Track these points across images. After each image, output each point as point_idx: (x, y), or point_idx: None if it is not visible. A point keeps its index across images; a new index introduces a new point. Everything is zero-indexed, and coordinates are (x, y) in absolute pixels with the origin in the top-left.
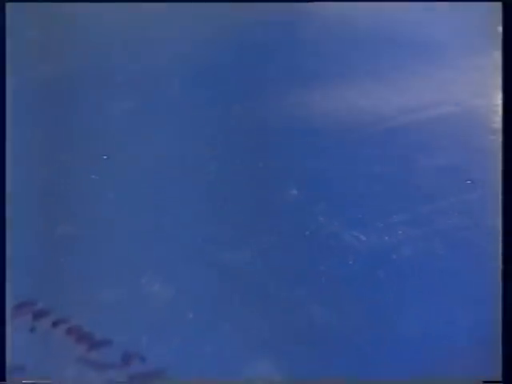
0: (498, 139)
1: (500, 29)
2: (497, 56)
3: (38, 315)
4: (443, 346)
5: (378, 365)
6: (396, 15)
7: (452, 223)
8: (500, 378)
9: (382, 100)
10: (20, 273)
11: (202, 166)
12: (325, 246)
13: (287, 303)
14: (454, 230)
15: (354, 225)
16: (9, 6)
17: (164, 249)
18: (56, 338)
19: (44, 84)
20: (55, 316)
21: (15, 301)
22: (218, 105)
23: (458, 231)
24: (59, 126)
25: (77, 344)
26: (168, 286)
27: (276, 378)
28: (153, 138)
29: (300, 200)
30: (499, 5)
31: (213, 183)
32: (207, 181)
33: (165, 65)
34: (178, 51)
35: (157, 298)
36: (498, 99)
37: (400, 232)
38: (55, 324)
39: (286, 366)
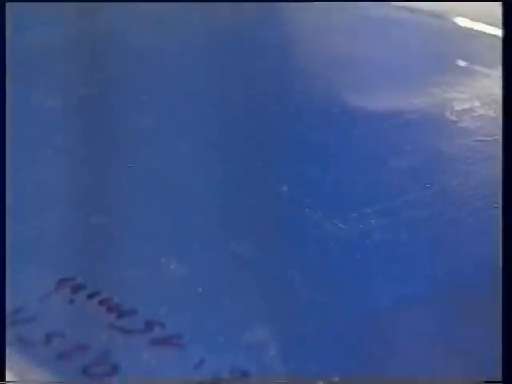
0: (454, 144)
1: (460, 62)
2: (451, 75)
3: (77, 289)
4: (406, 315)
5: (352, 324)
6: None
7: (414, 215)
8: (500, 378)
9: (359, 109)
10: (62, 255)
11: (211, 168)
12: (310, 233)
13: (280, 281)
14: (416, 221)
15: (333, 215)
16: (8, 7)
17: (179, 235)
18: (90, 308)
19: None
20: (90, 290)
21: (58, 277)
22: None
23: (420, 222)
24: (93, 131)
25: (107, 313)
26: (182, 266)
27: (271, 348)
28: (169, 144)
29: (290, 196)
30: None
31: (220, 182)
32: (216, 180)
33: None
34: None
35: (173, 276)
36: (454, 108)
37: (372, 221)
38: (90, 296)
39: (278, 332)
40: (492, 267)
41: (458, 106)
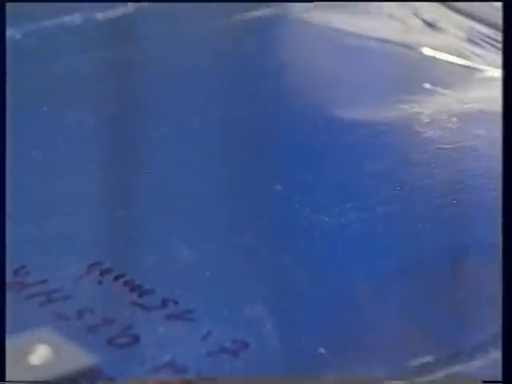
0: (420, 151)
1: (426, 84)
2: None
3: (104, 272)
4: (378, 290)
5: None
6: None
7: (387, 210)
8: (500, 378)
9: (341, 122)
10: (93, 244)
11: (219, 171)
12: (300, 225)
13: (275, 265)
14: (388, 215)
15: (319, 211)
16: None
17: (191, 228)
18: (116, 289)
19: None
20: (116, 273)
21: (89, 262)
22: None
23: (391, 216)
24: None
25: (130, 293)
26: (192, 253)
27: (268, 322)
28: (183, 151)
29: (283, 194)
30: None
31: (226, 183)
32: (223, 181)
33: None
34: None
35: (185, 262)
36: (420, 121)
37: (351, 215)
38: (115, 278)
39: (273, 309)
40: (449, 254)
41: (423, 120)
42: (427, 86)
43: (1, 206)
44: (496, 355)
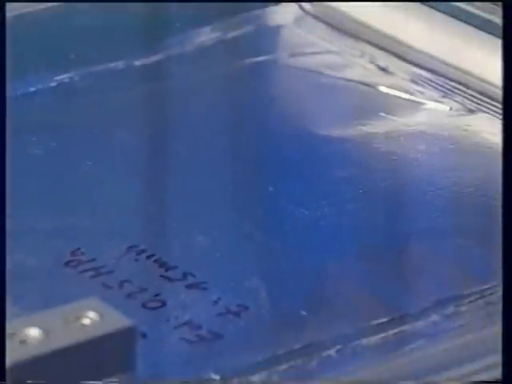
0: (377, 161)
1: (381, 113)
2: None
3: (139, 252)
4: (345, 266)
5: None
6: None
7: (352, 206)
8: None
9: (317, 139)
10: (130, 231)
11: (226, 175)
12: (286, 217)
13: (268, 247)
14: (353, 210)
15: (301, 206)
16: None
17: (205, 217)
18: (148, 265)
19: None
20: (148, 253)
21: (128, 244)
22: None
23: (356, 211)
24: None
25: (159, 268)
26: (206, 238)
27: (263, 291)
28: (197, 160)
29: (273, 194)
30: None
31: (231, 185)
32: (228, 183)
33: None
34: None
35: (200, 244)
36: (377, 139)
37: (325, 209)
38: (148, 257)
39: (268, 281)
40: (397, 238)
41: (379, 138)
42: (382, 114)
43: (1, 206)
44: (436, 318)
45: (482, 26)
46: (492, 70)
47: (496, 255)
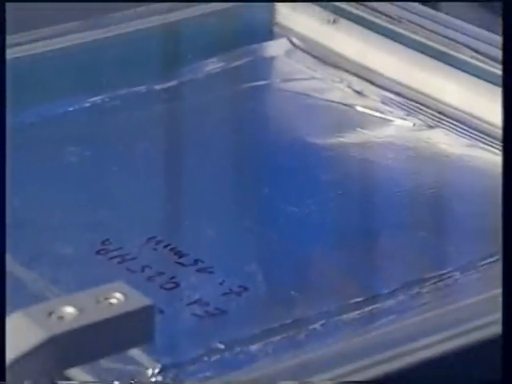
0: (355, 167)
1: (358, 129)
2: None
3: (158, 242)
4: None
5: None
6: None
7: (335, 205)
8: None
9: (305, 148)
10: (151, 225)
11: (232, 179)
12: (280, 212)
13: (264, 237)
14: (336, 208)
15: (290, 204)
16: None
17: (211, 215)
18: (165, 253)
19: None
20: (165, 243)
21: (148, 236)
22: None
23: (338, 209)
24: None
25: (174, 255)
26: (213, 231)
27: (260, 274)
28: (209, 168)
29: (268, 194)
30: None
31: (235, 187)
32: (234, 186)
33: None
34: None
35: (208, 236)
36: (354, 148)
37: (311, 207)
38: (165, 246)
39: (264, 266)
40: (370, 229)
41: (356, 147)
42: (358, 128)
43: (1, 206)
44: (403, 298)
45: (440, 57)
46: (447, 93)
47: (451, 245)
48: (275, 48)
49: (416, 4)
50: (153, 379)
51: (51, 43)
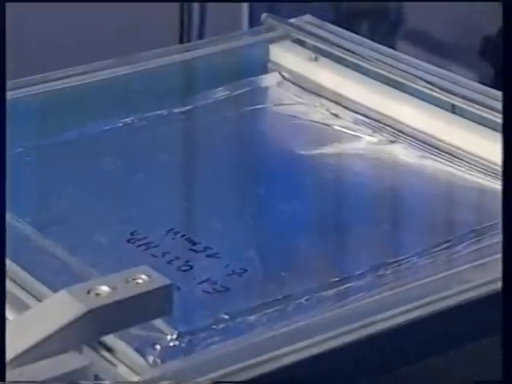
0: (329, 174)
1: (335, 143)
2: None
3: (176, 233)
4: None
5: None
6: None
7: (315, 203)
8: (500, 378)
9: (292, 159)
10: (168, 220)
11: (229, 183)
12: (271, 210)
13: (260, 228)
14: (317, 206)
15: (280, 202)
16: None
17: (219, 211)
18: (181, 241)
19: None
20: (181, 233)
21: (168, 228)
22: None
23: (318, 207)
24: None
25: (188, 243)
26: (220, 224)
27: (257, 259)
28: (219, 177)
29: (264, 194)
30: None
31: (238, 190)
32: (237, 189)
33: None
34: None
35: (216, 228)
36: (329, 158)
37: (298, 205)
38: (181, 236)
39: (260, 252)
40: (343, 223)
41: (333, 157)
42: (335, 143)
43: (1, 208)
44: (371, 278)
45: (399, 87)
46: (405, 115)
47: (409, 236)
48: (269, 80)
49: (380, 46)
50: (171, 344)
51: (93, 76)
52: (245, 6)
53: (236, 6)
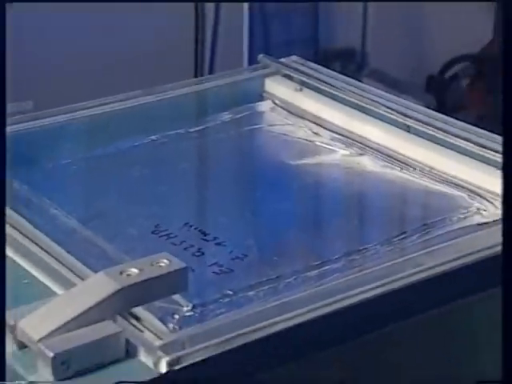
0: (317, 179)
1: (317, 157)
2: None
3: (190, 226)
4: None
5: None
6: None
7: (300, 203)
8: (500, 378)
9: (283, 169)
10: (185, 215)
11: (234, 188)
12: (266, 209)
13: (260, 224)
14: (302, 205)
15: (275, 203)
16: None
17: (224, 209)
18: (195, 232)
19: None
20: (195, 226)
21: (185, 221)
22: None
23: (303, 206)
24: None
25: (200, 234)
26: (225, 218)
27: (255, 247)
28: (225, 185)
29: (261, 196)
30: None
31: (240, 193)
32: (240, 192)
33: None
34: None
35: (223, 222)
36: (314, 167)
37: (287, 204)
38: (195, 228)
39: (258, 241)
40: (321, 218)
41: (314, 166)
42: (316, 155)
43: (1, 209)
44: (345, 262)
45: (366, 111)
46: (371, 133)
47: (374, 228)
48: (264, 106)
49: (351, 79)
50: (187, 314)
51: (125, 103)
52: (245, 47)
53: (238, 47)
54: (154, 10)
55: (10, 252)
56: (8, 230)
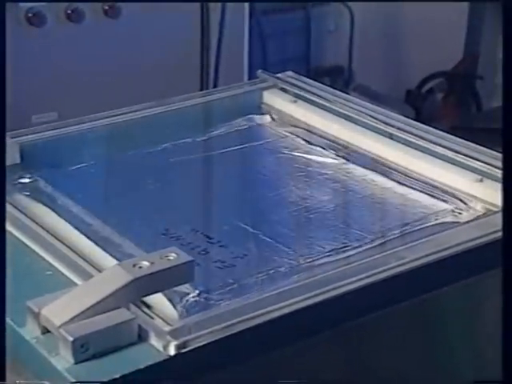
0: (309, 182)
1: (308, 168)
2: None
3: (196, 231)
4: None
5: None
6: None
7: (290, 204)
8: (500, 378)
9: (273, 181)
10: (193, 222)
11: (240, 194)
12: (261, 217)
13: (258, 226)
14: (292, 207)
15: (268, 207)
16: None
17: (225, 215)
18: (200, 236)
19: None
20: (201, 231)
21: (192, 227)
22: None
23: (293, 208)
24: None
25: (204, 237)
26: (225, 224)
27: (252, 240)
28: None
29: (256, 201)
30: None
31: (244, 196)
32: (242, 197)
33: None
34: None
35: (225, 228)
36: (299, 172)
37: (279, 208)
38: (201, 233)
39: (256, 242)
40: (307, 214)
41: (307, 171)
42: (310, 166)
43: (2, 212)
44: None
45: (354, 121)
46: (359, 141)
47: (359, 227)
48: (262, 119)
49: (340, 92)
50: (194, 299)
51: (137, 114)
52: (245, 64)
53: (239, 65)
54: (166, 38)
55: (35, 246)
56: (33, 225)
